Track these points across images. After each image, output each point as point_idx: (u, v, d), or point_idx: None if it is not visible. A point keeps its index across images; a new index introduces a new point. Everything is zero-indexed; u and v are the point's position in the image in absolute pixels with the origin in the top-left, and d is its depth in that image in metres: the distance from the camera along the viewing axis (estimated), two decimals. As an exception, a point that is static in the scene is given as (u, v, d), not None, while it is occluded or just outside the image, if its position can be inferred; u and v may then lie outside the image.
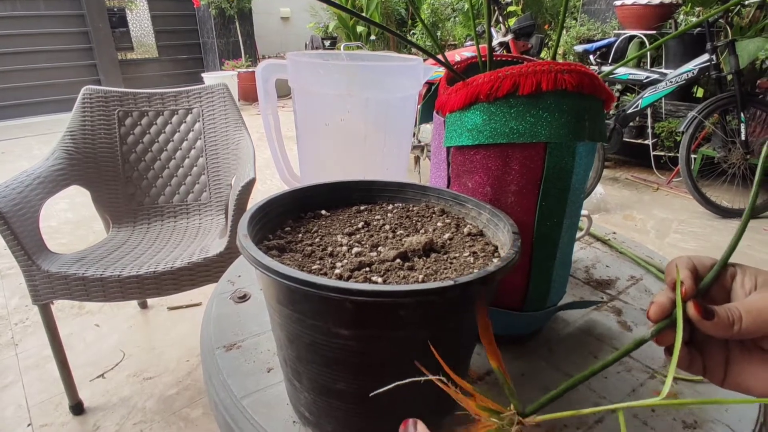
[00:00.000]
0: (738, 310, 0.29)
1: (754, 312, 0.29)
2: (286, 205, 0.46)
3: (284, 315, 0.36)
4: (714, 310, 0.30)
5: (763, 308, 0.29)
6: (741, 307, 0.30)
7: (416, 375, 0.37)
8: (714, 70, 2.66)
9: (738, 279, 0.32)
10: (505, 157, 0.46)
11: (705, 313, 0.30)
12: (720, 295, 0.33)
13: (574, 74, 0.44)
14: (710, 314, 0.30)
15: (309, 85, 0.66)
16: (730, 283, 0.33)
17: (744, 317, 0.29)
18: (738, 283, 0.32)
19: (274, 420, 0.44)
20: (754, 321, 0.29)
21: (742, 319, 0.29)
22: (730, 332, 0.29)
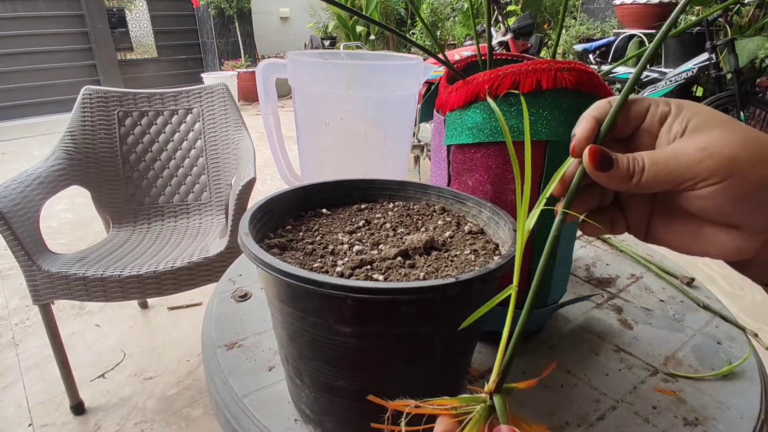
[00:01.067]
0: (642, 160, 0.25)
1: (660, 163, 0.25)
2: (286, 203, 0.46)
3: (285, 313, 0.36)
4: (614, 158, 0.26)
5: (669, 159, 0.25)
6: (647, 157, 0.25)
7: (417, 372, 0.37)
8: (713, 68, 2.66)
9: (667, 122, 0.27)
10: (506, 155, 0.46)
11: (600, 162, 0.25)
12: (648, 142, 0.28)
13: (574, 72, 0.44)
14: (607, 164, 0.25)
15: (309, 84, 0.66)
16: (658, 127, 0.28)
17: (647, 168, 0.25)
18: (666, 127, 0.27)
19: (275, 418, 0.44)
20: (656, 174, 0.25)
21: (644, 171, 0.25)
22: (628, 185, 0.26)
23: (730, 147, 0.24)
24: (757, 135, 0.24)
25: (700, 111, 0.26)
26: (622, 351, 0.55)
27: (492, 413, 0.25)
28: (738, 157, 0.23)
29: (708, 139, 0.24)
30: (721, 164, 0.23)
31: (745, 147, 0.24)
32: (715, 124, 0.25)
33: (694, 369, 0.52)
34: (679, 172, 0.24)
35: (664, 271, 0.72)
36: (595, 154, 0.26)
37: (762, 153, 0.23)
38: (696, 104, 0.27)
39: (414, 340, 0.35)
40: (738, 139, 0.24)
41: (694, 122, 0.26)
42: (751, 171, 0.23)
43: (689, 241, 0.27)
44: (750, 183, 0.23)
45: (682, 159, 0.24)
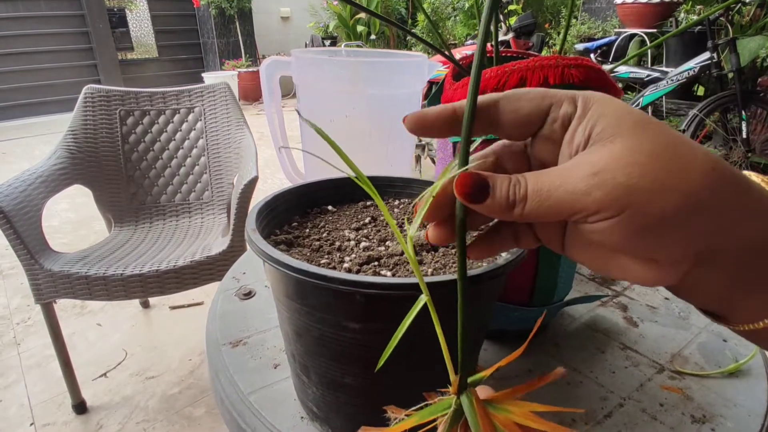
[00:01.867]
0: (525, 188, 0.21)
1: (543, 193, 0.20)
2: (292, 200, 0.46)
3: (293, 309, 0.35)
4: (491, 185, 0.21)
5: (554, 188, 0.20)
6: (530, 183, 0.21)
7: (424, 369, 0.37)
8: (715, 68, 2.66)
9: (571, 128, 0.22)
10: (512, 151, 0.46)
11: (472, 193, 0.21)
12: (550, 152, 0.23)
13: (581, 69, 0.44)
14: (481, 193, 0.21)
15: (314, 81, 0.66)
16: (560, 134, 0.22)
17: (529, 198, 0.20)
18: (568, 135, 0.22)
19: (281, 416, 0.44)
20: (539, 205, 0.20)
21: (526, 201, 0.20)
22: (509, 216, 0.21)
23: (627, 172, 0.19)
24: (670, 148, 0.19)
25: (608, 112, 0.21)
26: (628, 349, 0.54)
27: (461, 416, 0.23)
28: (634, 186, 0.19)
29: (604, 160, 0.19)
30: (612, 196, 0.19)
31: (648, 170, 0.19)
32: (622, 132, 0.20)
33: (700, 367, 0.52)
34: (564, 204, 0.20)
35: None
36: (464, 184, 0.21)
37: (669, 176, 0.19)
38: (607, 100, 0.21)
39: (422, 337, 0.34)
40: (641, 158, 0.19)
41: (598, 129, 0.21)
42: (650, 202, 0.18)
43: (603, 265, 0.23)
44: (649, 216, 0.19)
45: (569, 188, 0.20)
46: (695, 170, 0.19)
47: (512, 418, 0.22)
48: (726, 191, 0.19)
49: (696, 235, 0.19)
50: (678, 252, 0.20)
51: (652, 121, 0.20)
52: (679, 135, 0.20)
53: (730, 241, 0.19)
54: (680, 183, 0.18)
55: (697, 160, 0.19)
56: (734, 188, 0.19)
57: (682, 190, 0.18)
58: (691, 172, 0.19)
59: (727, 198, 0.19)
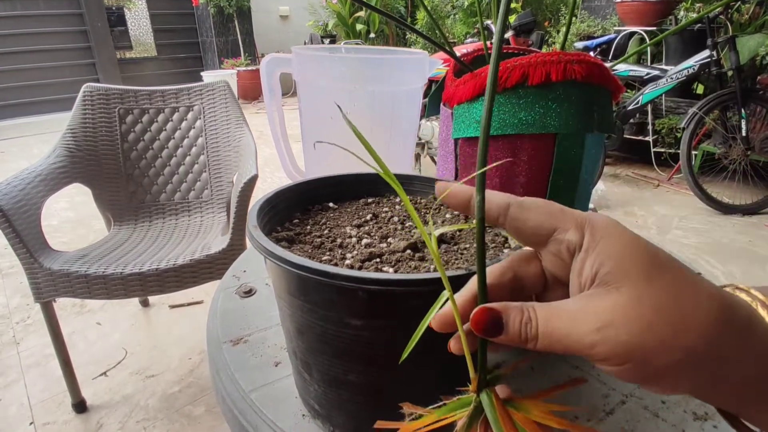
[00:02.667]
0: (535, 326, 0.22)
1: (553, 336, 0.22)
2: (293, 197, 0.46)
3: (295, 306, 0.35)
4: (504, 323, 0.22)
5: (563, 335, 0.21)
6: (541, 325, 0.22)
7: (428, 366, 0.37)
8: (714, 66, 2.66)
9: (579, 260, 0.23)
10: (514, 148, 0.46)
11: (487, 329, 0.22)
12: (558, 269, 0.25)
13: (584, 65, 0.44)
14: (496, 329, 0.22)
15: (314, 78, 0.65)
16: (567, 257, 0.24)
17: (540, 338, 0.22)
18: (577, 266, 0.23)
19: (283, 413, 0.44)
20: (550, 346, 0.22)
21: (537, 340, 0.22)
22: (523, 347, 0.23)
23: (629, 329, 0.20)
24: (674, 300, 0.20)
25: (616, 252, 0.22)
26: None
27: (481, 413, 0.23)
28: (636, 344, 0.20)
29: (608, 313, 0.20)
30: (615, 352, 0.20)
31: (650, 327, 0.20)
32: (629, 279, 0.21)
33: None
34: (572, 349, 0.21)
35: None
36: (480, 322, 0.22)
37: (670, 333, 0.19)
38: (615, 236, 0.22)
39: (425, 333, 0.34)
40: (645, 313, 0.20)
41: (605, 269, 0.22)
42: (650, 360, 0.20)
43: None
44: (650, 371, 0.20)
45: (575, 338, 0.21)
46: (698, 324, 0.20)
47: (532, 417, 0.22)
48: (729, 338, 0.20)
49: (698, 382, 0.20)
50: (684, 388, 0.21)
51: (661, 264, 0.21)
52: (687, 281, 0.21)
53: (734, 379, 0.20)
54: (681, 340, 0.19)
55: (702, 311, 0.20)
56: (738, 333, 0.20)
57: (682, 347, 0.19)
58: (693, 327, 0.19)
59: (730, 344, 0.20)
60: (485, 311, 0.23)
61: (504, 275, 0.26)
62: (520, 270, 0.26)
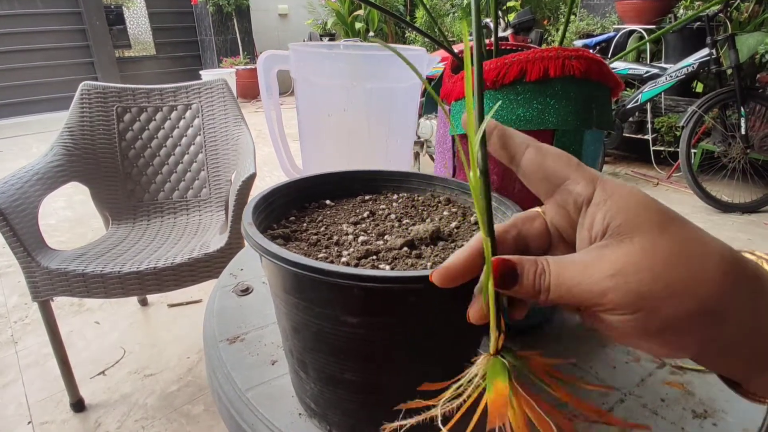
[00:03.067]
0: (548, 277, 0.22)
1: (564, 286, 0.22)
2: (290, 194, 0.46)
3: (291, 304, 0.35)
4: (518, 274, 0.23)
5: (574, 284, 0.21)
6: (553, 275, 0.22)
7: (424, 363, 0.37)
8: (714, 64, 2.66)
9: (589, 212, 0.23)
10: (512, 144, 0.45)
11: (503, 279, 0.23)
12: (562, 222, 0.25)
13: (582, 60, 0.43)
14: (511, 281, 0.23)
15: (312, 75, 0.65)
16: (575, 212, 0.24)
17: (552, 289, 0.22)
18: (587, 219, 0.23)
19: (279, 412, 0.44)
20: (561, 297, 0.22)
21: (549, 292, 0.22)
22: (534, 299, 0.23)
23: (640, 278, 0.20)
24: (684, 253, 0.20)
25: (629, 206, 0.22)
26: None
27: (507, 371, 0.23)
28: (647, 292, 0.20)
29: (620, 262, 0.21)
30: (626, 300, 0.20)
31: (661, 276, 0.20)
32: (641, 230, 0.21)
33: (701, 362, 0.51)
34: (583, 299, 0.21)
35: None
36: (497, 271, 0.23)
37: (681, 282, 0.20)
38: (628, 193, 0.23)
39: (422, 331, 0.34)
40: (656, 262, 0.20)
41: (617, 221, 0.22)
42: (660, 308, 0.20)
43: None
44: (660, 320, 0.20)
45: (586, 286, 0.21)
46: (708, 276, 0.20)
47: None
48: (740, 294, 0.20)
49: (707, 337, 0.20)
50: (684, 345, 0.21)
51: (672, 219, 0.21)
52: (697, 235, 0.21)
53: (743, 338, 0.20)
54: (692, 289, 0.19)
55: (712, 264, 0.20)
56: (749, 289, 0.20)
57: (693, 296, 0.19)
58: (703, 279, 0.20)
59: (741, 300, 0.20)
60: (502, 261, 0.23)
61: (508, 232, 0.26)
62: (524, 228, 0.26)
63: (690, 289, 0.19)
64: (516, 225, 0.26)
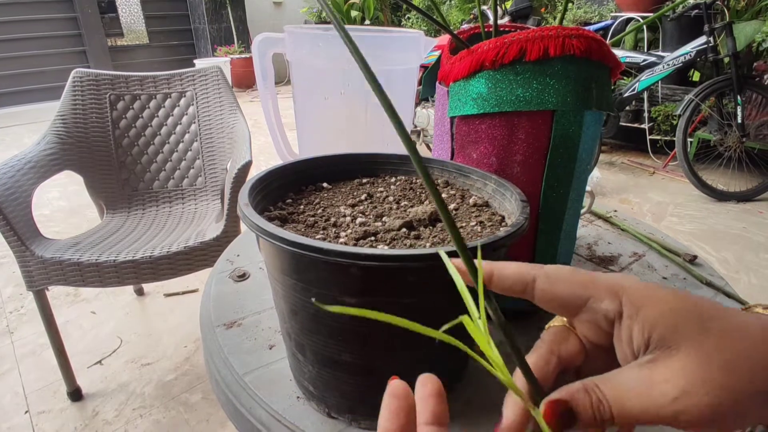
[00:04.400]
0: (608, 406, 0.21)
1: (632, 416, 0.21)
2: (286, 176, 0.45)
3: (288, 285, 0.35)
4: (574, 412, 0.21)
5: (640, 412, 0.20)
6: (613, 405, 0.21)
7: (423, 345, 0.37)
8: (711, 52, 2.65)
9: (624, 327, 0.22)
10: (511, 126, 0.45)
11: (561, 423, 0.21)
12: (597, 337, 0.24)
13: (582, 39, 0.43)
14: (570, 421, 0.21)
15: (308, 58, 0.64)
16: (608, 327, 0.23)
17: (617, 418, 0.21)
18: (624, 334, 0.23)
19: (277, 396, 0.43)
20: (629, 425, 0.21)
21: (614, 419, 0.21)
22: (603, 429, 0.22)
23: (707, 392, 0.20)
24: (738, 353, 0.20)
25: (662, 313, 0.21)
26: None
27: None
28: (719, 406, 0.19)
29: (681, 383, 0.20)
30: (702, 417, 0.20)
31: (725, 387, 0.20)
32: (683, 336, 0.21)
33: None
34: (654, 421, 0.21)
35: (666, 249, 0.71)
36: (553, 416, 0.21)
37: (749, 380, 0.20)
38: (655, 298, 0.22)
39: (420, 312, 0.34)
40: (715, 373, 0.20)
41: (657, 333, 0.21)
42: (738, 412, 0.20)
43: None
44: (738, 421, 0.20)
45: (654, 411, 0.20)
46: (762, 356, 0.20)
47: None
48: None
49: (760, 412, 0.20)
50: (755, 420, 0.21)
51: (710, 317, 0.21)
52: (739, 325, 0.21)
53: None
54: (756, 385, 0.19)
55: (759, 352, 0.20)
56: None
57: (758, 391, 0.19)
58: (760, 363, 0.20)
59: None
60: (553, 404, 0.22)
61: (549, 363, 0.25)
62: (562, 351, 0.25)
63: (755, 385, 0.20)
64: (553, 351, 0.25)
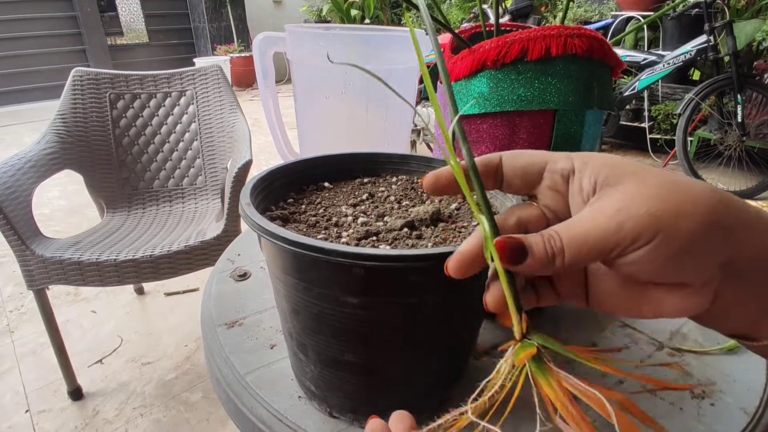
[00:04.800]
0: (559, 239, 0.22)
1: (579, 239, 0.22)
2: (287, 176, 0.45)
3: (290, 285, 0.35)
4: (526, 246, 0.22)
5: (587, 232, 0.22)
6: (563, 235, 0.22)
7: (424, 345, 0.37)
8: (711, 51, 2.64)
9: (575, 180, 0.24)
10: (513, 125, 0.45)
11: (512, 255, 0.22)
12: (556, 200, 0.26)
13: (584, 38, 0.43)
14: (520, 255, 0.22)
15: (309, 56, 0.64)
16: (563, 185, 0.25)
17: (566, 248, 0.22)
18: (575, 186, 0.24)
19: (279, 395, 0.43)
20: (579, 252, 0.22)
21: (564, 251, 0.22)
22: (551, 269, 0.22)
23: (646, 202, 0.21)
24: (672, 182, 0.22)
25: (606, 163, 0.23)
26: (627, 327, 0.54)
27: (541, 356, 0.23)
28: (658, 212, 0.21)
29: (621, 198, 0.22)
30: (642, 224, 0.21)
31: (663, 199, 0.21)
32: (626, 175, 0.22)
33: (699, 344, 0.51)
34: (601, 243, 0.21)
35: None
36: (504, 249, 0.22)
37: (681, 204, 0.21)
38: (600, 156, 0.24)
39: (422, 312, 0.34)
40: (654, 192, 0.21)
41: (602, 177, 0.23)
42: (677, 225, 0.20)
43: (635, 306, 0.24)
44: (680, 238, 0.20)
45: (601, 227, 0.21)
46: (702, 196, 0.21)
47: None
48: (731, 210, 0.21)
49: (718, 249, 0.21)
50: (706, 268, 0.21)
51: (648, 166, 0.23)
52: (675, 172, 0.23)
53: (746, 250, 0.21)
54: (695, 207, 0.21)
55: (699, 188, 0.22)
56: (736, 207, 0.21)
57: (699, 212, 0.21)
58: (699, 198, 0.21)
59: (734, 215, 0.21)
60: (506, 238, 0.22)
61: (507, 220, 0.26)
62: (522, 213, 0.26)
63: (694, 207, 0.21)
64: (514, 212, 0.27)
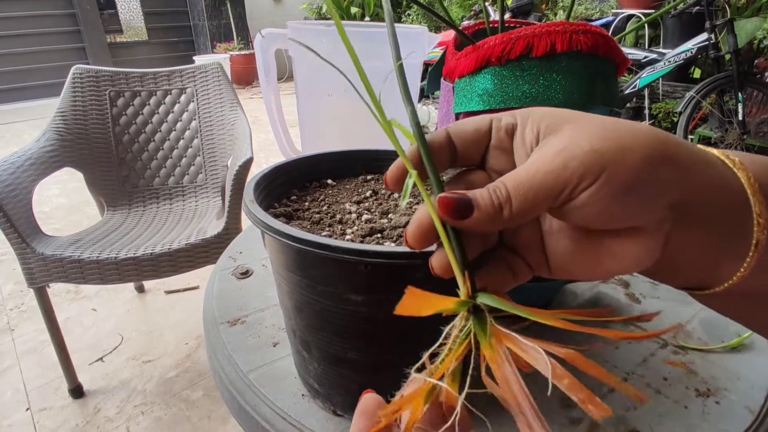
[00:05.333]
0: (504, 187, 0.21)
1: (525, 184, 0.20)
2: (290, 173, 0.45)
3: (293, 282, 0.34)
4: (471, 200, 0.21)
5: (532, 176, 0.20)
6: (508, 182, 0.21)
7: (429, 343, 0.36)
8: (712, 49, 2.64)
9: (518, 133, 0.23)
10: (517, 122, 0.45)
11: (456, 210, 0.21)
12: (504, 160, 0.24)
13: (590, 35, 0.42)
14: (466, 209, 0.20)
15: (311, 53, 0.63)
16: (508, 141, 0.24)
17: (512, 195, 0.20)
18: (518, 139, 0.23)
19: (282, 393, 0.43)
20: (526, 197, 0.20)
21: (511, 199, 0.20)
22: (500, 222, 0.21)
23: (589, 140, 0.20)
24: (614, 122, 0.21)
25: (547, 113, 0.23)
26: (630, 325, 0.54)
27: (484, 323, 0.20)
28: (602, 148, 0.20)
29: (564, 139, 0.21)
30: (587, 161, 0.20)
31: (606, 137, 0.20)
32: (567, 120, 0.22)
33: (703, 342, 0.51)
34: (548, 185, 0.20)
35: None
36: (447, 204, 0.21)
37: (625, 140, 0.20)
38: (542, 108, 0.24)
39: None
40: (596, 131, 0.20)
41: (544, 125, 0.22)
42: (622, 160, 0.20)
43: (592, 262, 0.23)
44: (626, 172, 0.20)
45: (546, 169, 0.20)
46: (646, 132, 0.21)
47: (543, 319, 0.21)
48: (673, 146, 0.21)
49: (666, 185, 0.20)
50: (656, 206, 0.20)
51: (587, 113, 0.23)
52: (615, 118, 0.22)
53: (696, 186, 0.21)
54: (638, 143, 0.20)
55: (642, 126, 0.21)
56: (681, 143, 0.21)
57: (643, 146, 0.20)
58: (643, 134, 0.20)
59: (677, 150, 0.21)
60: (449, 193, 0.21)
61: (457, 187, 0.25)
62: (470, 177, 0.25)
63: (638, 141, 0.20)
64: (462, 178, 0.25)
